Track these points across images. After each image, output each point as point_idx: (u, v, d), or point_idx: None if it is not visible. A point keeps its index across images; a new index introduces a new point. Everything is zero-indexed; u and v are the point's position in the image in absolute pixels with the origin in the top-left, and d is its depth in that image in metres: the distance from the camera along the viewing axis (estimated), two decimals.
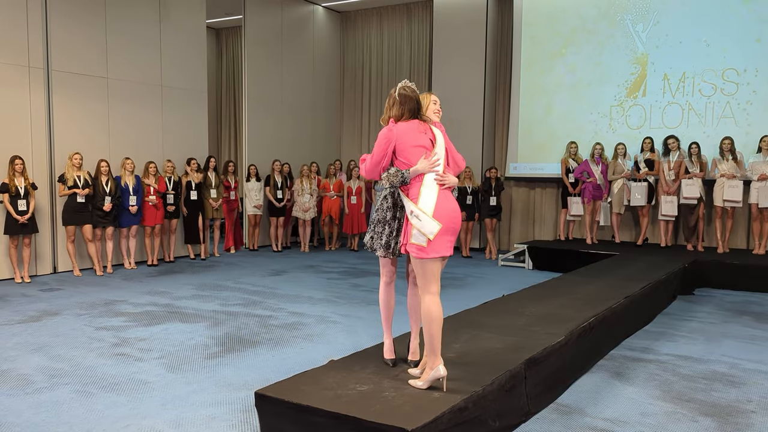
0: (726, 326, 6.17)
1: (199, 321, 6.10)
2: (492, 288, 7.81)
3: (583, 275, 7.08)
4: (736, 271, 8.13)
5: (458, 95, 11.23)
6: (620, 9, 10.21)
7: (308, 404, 3.09)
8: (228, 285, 8.00)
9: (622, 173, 9.64)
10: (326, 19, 13.37)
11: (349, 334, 5.63)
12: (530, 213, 11.59)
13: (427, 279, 3.32)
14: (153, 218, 9.25)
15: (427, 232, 3.27)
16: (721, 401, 4.08)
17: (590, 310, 5.13)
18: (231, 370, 4.62)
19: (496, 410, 3.43)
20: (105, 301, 6.94)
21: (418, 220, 3.30)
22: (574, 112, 10.63)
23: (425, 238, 3.28)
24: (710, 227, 9.50)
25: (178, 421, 3.68)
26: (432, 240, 3.28)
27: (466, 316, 5.00)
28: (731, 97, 9.42)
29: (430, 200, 3.33)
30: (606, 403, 4.05)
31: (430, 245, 3.28)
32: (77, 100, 8.87)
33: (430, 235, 3.27)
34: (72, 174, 8.37)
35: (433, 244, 3.28)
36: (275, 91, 12.04)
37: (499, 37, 11.72)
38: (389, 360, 3.74)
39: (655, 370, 4.73)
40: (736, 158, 8.82)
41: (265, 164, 11.43)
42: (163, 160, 9.75)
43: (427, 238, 3.27)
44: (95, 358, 4.88)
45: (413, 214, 3.32)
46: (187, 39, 10.37)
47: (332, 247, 11.62)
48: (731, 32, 9.38)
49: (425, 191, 3.35)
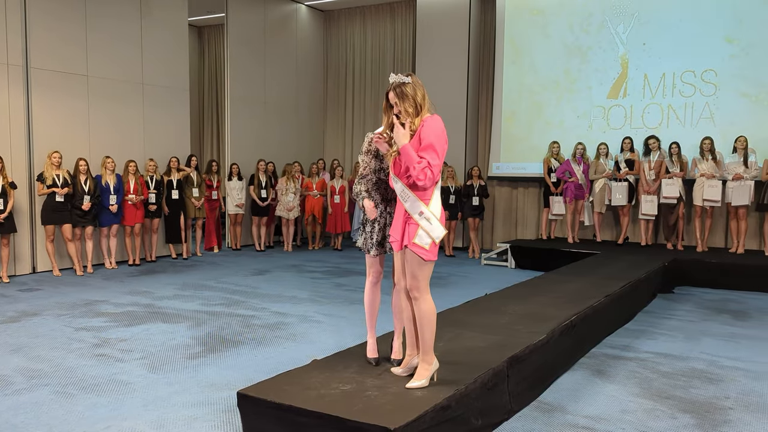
0: (705, 324, 6.25)
1: (181, 321, 6.06)
2: (475, 287, 7.84)
3: (565, 274, 7.13)
4: (715, 270, 8.24)
5: (441, 95, 11.24)
6: (602, 10, 10.30)
7: (291, 404, 3.08)
8: (210, 285, 7.95)
9: (604, 173, 9.73)
10: (309, 17, 13.34)
11: (332, 334, 5.62)
12: (513, 212, 11.66)
13: (424, 280, 3.31)
14: (134, 217, 9.17)
15: (435, 237, 3.27)
16: (700, 398, 4.13)
17: (572, 308, 5.18)
18: (213, 370, 4.59)
19: (478, 408, 3.45)
20: (85, 302, 6.87)
21: (429, 223, 3.26)
22: (557, 112, 10.70)
23: (430, 241, 3.27)
24: (690, 226, 9.62)
25: (159, 421, 3.65)
26: (435, 243, 3.29)
27: (450, 315, 5.02)
28: (710, 97, 9.55)
29: (438, 204, 3.32)
30: (587, 400, 4.08)
31: (432, 247, 3.28)
32: (57, 98, 8.76)
33: (436, 239, 3.28)
34: (51, 173, 8.27)
35: (434, 246, 3.30)
36: (258, 89, 11.99)
37: (481, 36, 11.77)
38: (372, 359, 3.75)
39: (636, 367, 4.78)
40: (716, 158, 8.94)
41: (248, 163, 11.38)
42: (144, 159, 9.67)
43: (432, 241, 3.27)
44: (75, 359, 4.83)
45: (423, 215, 3.26)
46: (169, 36, 10.29)
47: (315, 247, 11.60)
48: (709, 33, 9.50)
49: (436, 194, 3.32)
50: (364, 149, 3.66)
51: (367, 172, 3.66)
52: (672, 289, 7.96)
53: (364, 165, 3.66)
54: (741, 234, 8.91)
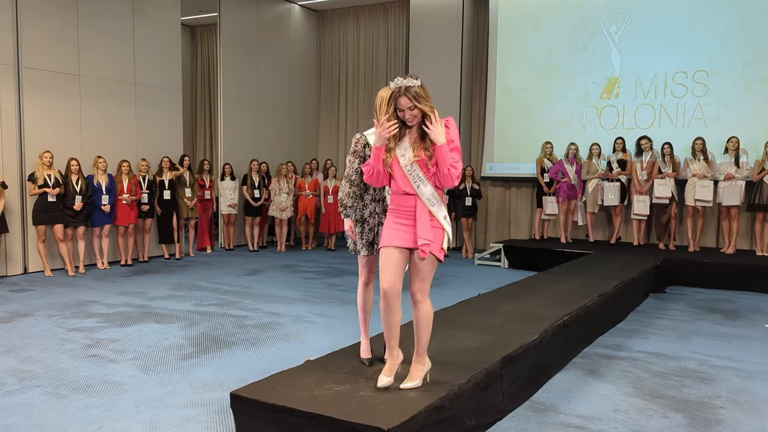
0: (696, 324, 6.28)
1: (174, 321, 6.04)
2: (468, 287, 7.85)
3: (558, 274, 7.15)
4: (707, 270, 8.28)
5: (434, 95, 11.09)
6: (595, 11, 10.34)
7: (284, 404, 3.08)
8: (203, 285, 7.93)
9: (597, 173, 9.77)
10: (303, 17, 13.32)
11: (325, 334, 5.62)
12: (506, 212, 11.68)
13: (430, 282, 3.33)
14: (127, 217, 9.14)
15: (450, 239, 3.32)
16: (692, 397, 4.15)
17: (565, 308, 5.19)
18: (206, 371, 4.58)
19: (472, 408, 3.45)
20: (77, 302, 6.84)
21: (449, 226, 3.31)
22: (550, 113, 10.73)
23: (447, 243, 3.30)
24: (681, 226, 9.67)
25: (152, 423, 3.64)
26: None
27: (443, 315, 5.02)
28: (701, 98, 9.60)
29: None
30: (580, 400, 4.10)
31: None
32: (48, 97, 8.72)
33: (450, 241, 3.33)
34: (42, 173, 8.23)
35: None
36: (251, 89, 11.96)
37: (475, 37, 11.79)
38: (366, 359, 3.74)
39: (628, 367, 4.80)
40: (708, 158, 8.99)
41: (241, 163, 11.35)
42: (137, 159, 9.63)
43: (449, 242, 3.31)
44: (67, 360, 4.80)
45: (447, 219, 3.29)
46: (162, 36, 10.25)
47: (309, 247, 11.59)
48: (701, 34, 9.55)
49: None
50: (351, 150, 3.67)
51: (351, 173, 3.66)
52: (664, 289, 7.99)
53: (349, 166, 3.67)
54: (732, 234, 8.96)
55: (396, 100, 3.22)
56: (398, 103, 3.21)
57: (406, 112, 3.20)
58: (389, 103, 3.34)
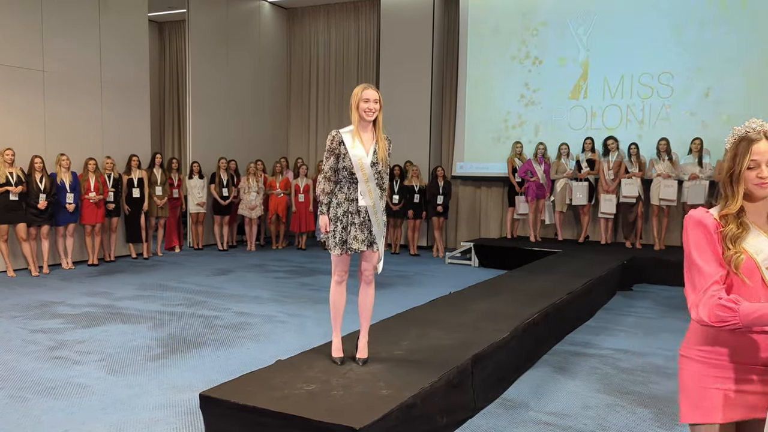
0: (663, 320, 6.40)
1: (141, 322, 5.94)
2: (439, 285, 7.88)
3: (528, 272, 7.22)
4: (672, 268, 8.43)
5: (405, 94, 11.29)
6: (563, 12, 10.45)
7: (255, 405, 3.05)
8: (171, 285, 7.81)
9: (565, 173, 9.89)
10: (273, 14, 13.21)
11: (296, 334, 5.58)
12: (476, 211, 11.75)
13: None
14: (93, 216, 8.96)
15: None
16: (658, 393, 4.23)
17: (535, 306, 5.24)
18: (174, 372, 4.51)
19: (443, 406, 3.46)
20: (41, 303, 6.68)
21: None
22: (519, 112, 10.82)
23: None
24: (647, 225, 9.84)
25: (119, 425, 3.57)
26: None
27: (414, 314, 5.03)
28: (666, 99, 9.78)
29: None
30: (549, 396, 4.14)
31: None
32: (10, 94, 8.49)
33: None
34: (3, 171, 8.01)
35: None
36: (220, 87, 11.82)
37: (445, 36, 11.83)
38: (338, 358, 3.73)
39: (596, 363, 4.87)
40: (672, 159, 9.17)
41: (210, 161, 11.21)
42: (102, 157, 9.44)
43: None
44: (30, 362, 4.69)
45: None
46: (129, 32, 10.06)
47: (279, 246, 11.51)
48: (666, 36, 9.72)
49: None
50: (327, 147, 3.67)
51: (327, 170, 3.67)
52: (631, 287, 8.13)
53: (325, 163, 3.69)
54: None
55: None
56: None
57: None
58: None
